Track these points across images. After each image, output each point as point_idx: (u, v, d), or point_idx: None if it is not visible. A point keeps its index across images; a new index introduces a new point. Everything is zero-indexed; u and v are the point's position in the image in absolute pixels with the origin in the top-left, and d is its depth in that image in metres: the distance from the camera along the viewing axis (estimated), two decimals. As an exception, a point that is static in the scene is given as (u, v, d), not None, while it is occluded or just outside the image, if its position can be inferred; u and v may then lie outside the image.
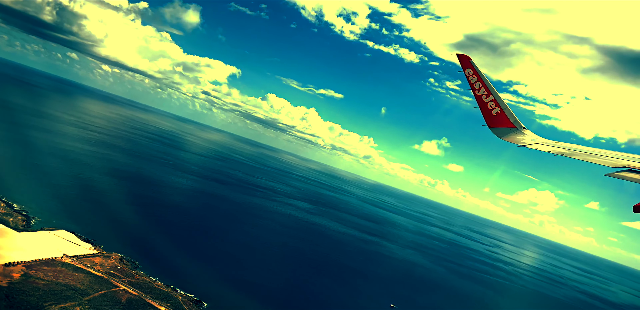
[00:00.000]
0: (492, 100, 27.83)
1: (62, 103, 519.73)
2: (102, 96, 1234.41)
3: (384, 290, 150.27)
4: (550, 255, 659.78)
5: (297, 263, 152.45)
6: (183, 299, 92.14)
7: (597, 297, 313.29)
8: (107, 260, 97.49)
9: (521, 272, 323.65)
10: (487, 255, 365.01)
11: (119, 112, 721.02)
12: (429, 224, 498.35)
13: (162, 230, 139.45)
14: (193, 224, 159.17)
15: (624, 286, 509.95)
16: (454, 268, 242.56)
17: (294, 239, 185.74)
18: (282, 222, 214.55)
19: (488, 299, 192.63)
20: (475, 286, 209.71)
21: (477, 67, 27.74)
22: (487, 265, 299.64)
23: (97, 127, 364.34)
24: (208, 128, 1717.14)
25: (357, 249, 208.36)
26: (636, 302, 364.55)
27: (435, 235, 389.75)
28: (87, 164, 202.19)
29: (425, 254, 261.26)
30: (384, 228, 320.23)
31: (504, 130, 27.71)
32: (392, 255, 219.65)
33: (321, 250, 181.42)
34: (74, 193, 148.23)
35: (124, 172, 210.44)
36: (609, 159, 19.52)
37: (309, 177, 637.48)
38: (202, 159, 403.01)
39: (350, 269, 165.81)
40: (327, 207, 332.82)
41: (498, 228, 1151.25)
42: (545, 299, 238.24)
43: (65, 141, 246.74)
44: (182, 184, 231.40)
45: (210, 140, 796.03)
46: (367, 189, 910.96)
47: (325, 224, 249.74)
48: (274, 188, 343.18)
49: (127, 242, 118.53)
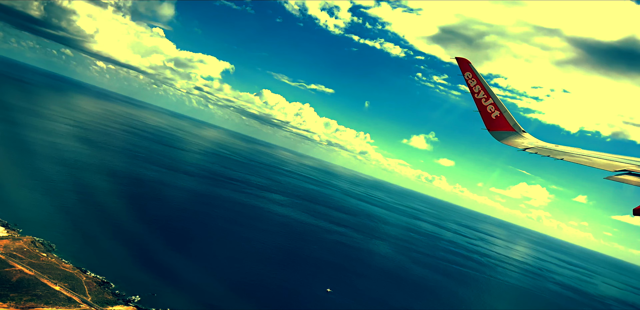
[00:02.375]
0: (492, 103, 28.13)
1: (53, 100, 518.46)
2: (98, 93, 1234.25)
3: (326, 277, 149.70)
4: (539, 249, 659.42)
5: (235, 249, 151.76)
6: (87, 280, 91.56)
7: (571, 288, 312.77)
8: (14, 243, 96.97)
9: (496, 263, 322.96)
10: (465, 247, 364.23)
11: (106, 107, 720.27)
12: (413, 217, 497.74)
13: (102, 218, 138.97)
14: (140, 213, 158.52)
15: (609, 279, 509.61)
16: (418, 257, 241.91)
17: (244, 227, 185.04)
18: (241, 212, 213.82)
19: (442, 286, 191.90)
20: (432, 275, 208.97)
21: (476, 71, 28.14)
22: (459, 256, 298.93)
23: (75, 121, 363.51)
24: (204, 124, 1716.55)
25: (315, 238, 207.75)
26: (614, 293, 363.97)
27: (414, 227, 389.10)
28: (40, 153, 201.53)
29: (392, 244, 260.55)
30: (358, 220, 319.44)
31: (504, 134, 28.01)
32: (351, 245, 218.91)
33: (271, 238, 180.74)
34: (11, 181, 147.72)
35: (79, 162, 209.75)
36: (608, 162, 19.83)
37: (296, 172, 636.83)
38: (182, 152, 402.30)
39: (297, 256, 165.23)
40: (302, 200, 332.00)
41: (492, 223, 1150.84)
42: (510, 289, 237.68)
43: (32, 133, 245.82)
44: (140, 174, 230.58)
45: (199, 136, 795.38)
46: (357, 183, 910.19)
47: (291, 215, 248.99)
48: (249, 181, 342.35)
49: (59, 228, 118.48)
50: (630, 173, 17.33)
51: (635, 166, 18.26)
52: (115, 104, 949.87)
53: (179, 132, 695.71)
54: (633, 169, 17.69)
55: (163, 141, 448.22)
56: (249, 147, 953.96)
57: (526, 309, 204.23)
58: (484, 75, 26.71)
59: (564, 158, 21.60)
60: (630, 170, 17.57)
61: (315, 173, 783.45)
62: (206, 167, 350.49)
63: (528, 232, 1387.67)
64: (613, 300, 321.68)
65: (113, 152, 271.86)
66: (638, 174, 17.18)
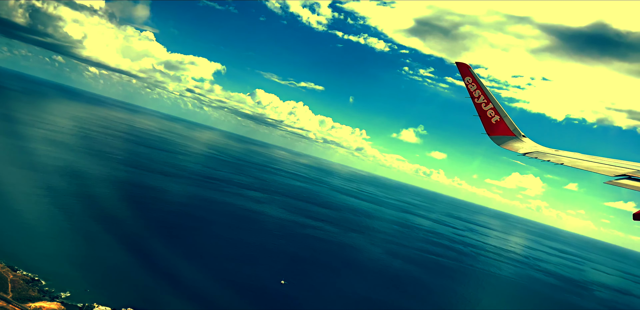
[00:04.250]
0: (492, 108, 28.34)
1: (44, 108, 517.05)
2: (93, 99, 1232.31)
3: (285, 270, 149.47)
4: (533, 239, 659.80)
5: (190, 245, 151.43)
6: (14, 278, 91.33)
7: (555, 274, 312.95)
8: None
9: (479, 253, 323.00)
10: (450, 237, 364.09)
11: (98, 112, 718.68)
12: (401, 211, 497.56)
13: (52, 215, 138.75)
14: (91, 210, 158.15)
15: (600, 265, 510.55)
16: (392, 248, 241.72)
17: (206, 223, 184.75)
18: (208, 208, 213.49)
19: (411, 276, 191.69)
20: (403, 265, 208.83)
21: (476, 75, 28.37)
22: (440, 246, 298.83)
23: (62, 128, 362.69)
24: (198, 126, 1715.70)
25: (284, 233, 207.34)
26: (600, 278, 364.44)
27: (399, 220, 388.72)
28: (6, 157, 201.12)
29: (369, 236, 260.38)
30: (340, 214, 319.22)
31: (503, 139, 28.22)
32: (323, 238, 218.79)
33: (236, 234, 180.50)
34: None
35: (46, 165, 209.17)
36: (609, 167, 20.10)
37: (285, 170, 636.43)
38: (165, 153, 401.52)
39: (258, 251, 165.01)
40: (283, 196, 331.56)
41: (488, 214, 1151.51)
42: (486, 276, 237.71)
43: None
44: (109, 175, 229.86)
45: (191, 138, 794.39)
46: (350, 179, 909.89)
47: (266, 211, 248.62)
48: (230, 179, 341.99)
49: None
50: (630, 178, 17.53)
51: (635, 171, 18.50)
52: (109, 109, 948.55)
53: (168, 135, 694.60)
54: (633, 174, 17.90)
55: (148, 144, 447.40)
56: (241, 147, 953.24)
57: (499, 295, 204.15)
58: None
59: (564, 163, 21.85)
60: (630, 175, 17.78)
61: (306, 170, 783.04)
62: (184, 166, 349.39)
63: (526, 222, 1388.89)
64: (597, 285, 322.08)
65: (86, 155, 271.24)
66: (638, 178, 17.32)
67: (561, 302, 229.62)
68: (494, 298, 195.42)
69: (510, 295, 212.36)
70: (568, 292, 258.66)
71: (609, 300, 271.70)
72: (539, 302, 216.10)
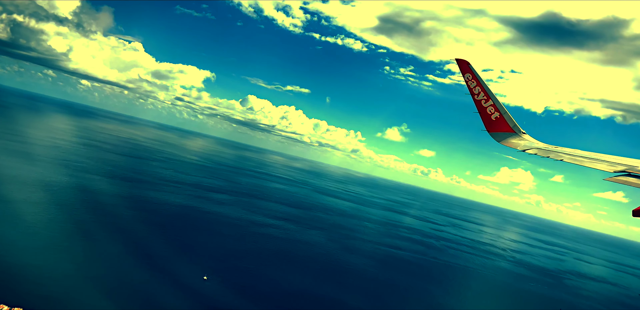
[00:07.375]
0: (492, 105, 28.53)
1: (38, 122, 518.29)
2: (87, 112, 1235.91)
3: (215, 266, 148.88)
4: (522, 232, 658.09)
5: (120, 247, 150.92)
6: None
7: (527, 265, 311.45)
8: None
9: (451, 246, 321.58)
10: (424, 233, 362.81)
11: (88, 125, 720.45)
12: (383, 209, 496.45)
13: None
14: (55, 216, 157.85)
15: (585, 255, 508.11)
16: (353, 244, 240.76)
17: (148, 225, 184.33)
18: (156, 211, 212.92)
19: (360, 269, 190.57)
20: (357, 259, 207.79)
21: (476, 72, 28.22)
22: (409, 241, 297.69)
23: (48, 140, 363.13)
24: (192, 134, 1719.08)
25: (236, 232, 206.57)
26: (578, 267, 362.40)
27: (375, 218, 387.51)
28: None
29: (332, 233, 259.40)
30: (309, 213, 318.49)
31: (503, 135, 28.43)
32: (277, 235, 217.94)
33: (182, 236, 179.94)
34: None
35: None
36: (608, 163, 20.11)
37: (268, 173, 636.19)
38: (136, 160, 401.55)
39: (197, 250, 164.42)
40: (251, 198, 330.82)
41: (483, 210, 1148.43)
42: (448, 269, 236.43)
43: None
44: (67, 182, 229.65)
45: (177, 146, 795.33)
46: (341, 181, 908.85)
47: (224, 213, 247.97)
48: (198, 183, 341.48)
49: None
50: (630, 174, 17.46)
51: (634, 167, 18.37)
52: (101, 121, 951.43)
53: (157, 144, 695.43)
54: (632, 170, 17.81)
55: (125, 152, 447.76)
56: (231, 153, 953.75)
57: (451, 285, 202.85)
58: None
59: (563, 159, 21.85)
60: (630, 172, 17.68)
61: (294, 173, 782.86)
62: (155, 173, 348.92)
63: (524, 217, 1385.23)
64: (571, 273, 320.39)
65: (57, 166, 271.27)
66: (637, 175, 17.24)
67: (521, 290, 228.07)
68: (441, 288, 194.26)
69: (466, 286, 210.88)
70: (534, 281, 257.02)
71: (576, 287, 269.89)
72: (498, 292, 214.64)
